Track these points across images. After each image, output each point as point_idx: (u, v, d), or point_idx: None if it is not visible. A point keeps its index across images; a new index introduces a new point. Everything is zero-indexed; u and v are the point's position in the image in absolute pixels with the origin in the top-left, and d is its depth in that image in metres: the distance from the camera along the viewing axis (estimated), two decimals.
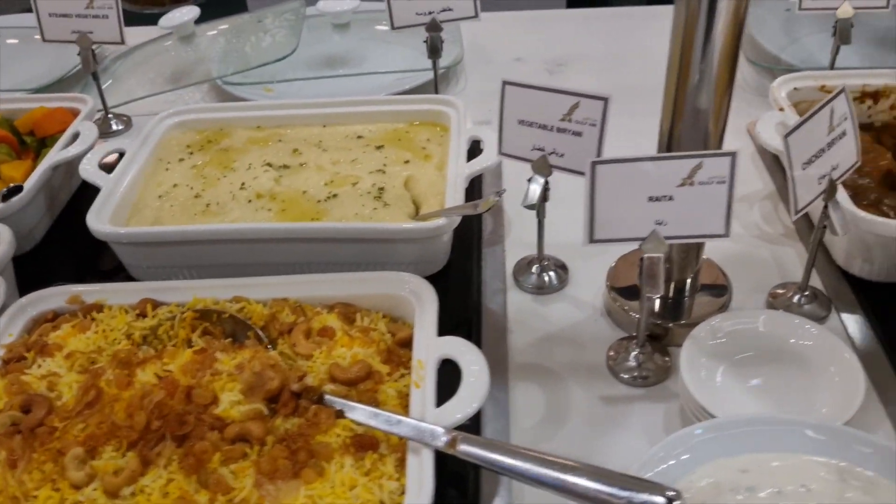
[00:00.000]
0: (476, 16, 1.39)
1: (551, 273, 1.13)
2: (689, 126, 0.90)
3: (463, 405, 0.81)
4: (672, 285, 1.04)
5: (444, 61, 1.58)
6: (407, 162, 1.23)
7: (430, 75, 1.48)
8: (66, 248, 1.26)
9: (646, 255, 0.87)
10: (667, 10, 0.88)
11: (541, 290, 1.12)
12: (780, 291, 1.07)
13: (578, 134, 0.97)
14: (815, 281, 1.09)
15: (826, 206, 0.94)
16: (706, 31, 0.84)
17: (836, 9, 1.33)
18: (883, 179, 1.13)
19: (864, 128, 1.29)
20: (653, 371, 0.98)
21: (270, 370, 0.85)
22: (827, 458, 0.75)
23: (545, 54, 1.73)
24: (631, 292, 1.05)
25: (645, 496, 0.66)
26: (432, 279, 1.09)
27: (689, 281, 1.05)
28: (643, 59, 0.93)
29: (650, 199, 0.86)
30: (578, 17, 1.94)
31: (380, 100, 1.37)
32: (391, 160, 1.23)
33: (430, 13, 1.37)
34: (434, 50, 1.40)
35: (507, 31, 1.86)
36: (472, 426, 0.91)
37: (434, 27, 1.38)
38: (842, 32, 1.34)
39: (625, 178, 0.86)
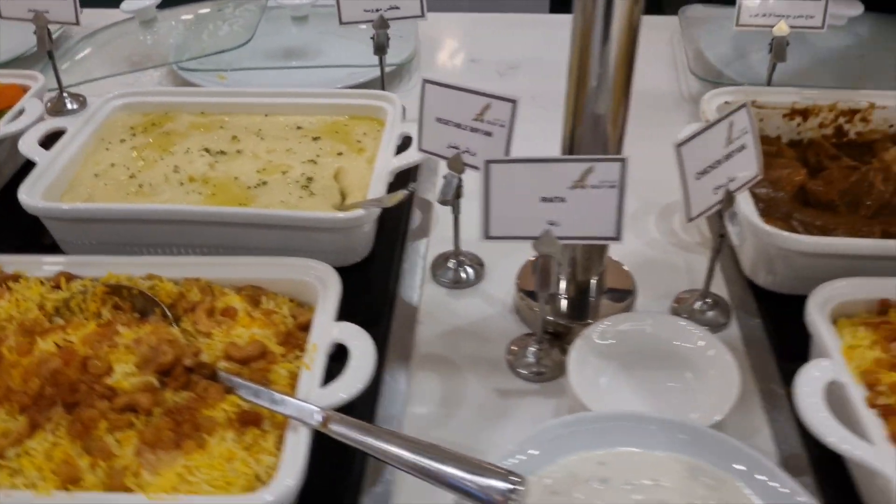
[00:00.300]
0: (423, 15, 1.41)
1: (468, 268, 1.16)
2: (589, 130, 0.93)
3: (347, 387, 0.84)
4: (576, 286, 1.07)
5: (396, 59, 1.61)
6: (340, 154, 1.26)
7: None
8: (8, 222, 1.27)
9: (538, 254, 0.90)
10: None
11: (457, 284, 1.15)
12: (685, 297, 1.10)
13: (489, 134, 1.00)
14: (723, 289, 1.12)
15: (722, 216, 0.97)
16: (602, 38, 0.87)
17: (773, 27, 1.36)
18: (796, 195, 1.16)
19: (793, 144, 1.32)
20: (549, 367, 1.01)
21: (166, 345, 0.88)
22: (686, 455, 0.78)
23: (500, 56, 1.76)
24: None
25: (491, 481, 0.69)
26: (353, 269, 1.12)
27: (594, 282, 1.08)
28: None
29: (543, 199, 0.89)
30: (542, 23, 1.96)
31: (322, 92, 1.40)
32: (325, 151, 1.26)
33: (377, 10, 1.40)
34: (380, 47, 1.42)
35: (468, 31, 1.89)
36: (367, 410, 0.94)
37: (381, 24, 1.40)
38: (777, 50, 1.37)
39: (518, 178, 0.88)
